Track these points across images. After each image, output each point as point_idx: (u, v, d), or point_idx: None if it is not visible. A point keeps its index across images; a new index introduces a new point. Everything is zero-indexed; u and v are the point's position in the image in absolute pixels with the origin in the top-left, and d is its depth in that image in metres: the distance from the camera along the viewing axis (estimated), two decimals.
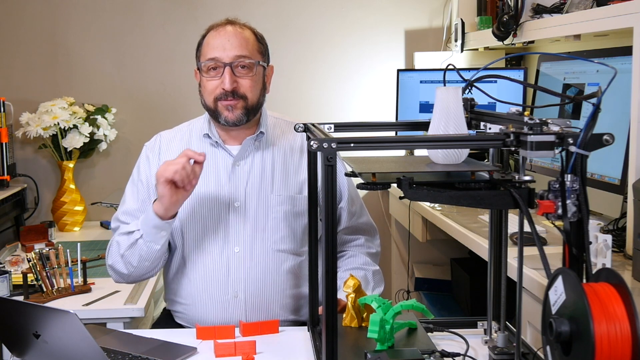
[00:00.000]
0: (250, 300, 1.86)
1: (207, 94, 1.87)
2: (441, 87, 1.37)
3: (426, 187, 1.23)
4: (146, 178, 1.94)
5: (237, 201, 1.88)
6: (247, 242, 1.87)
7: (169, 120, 2.10)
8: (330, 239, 1.23)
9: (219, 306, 1.87)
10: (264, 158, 1.91)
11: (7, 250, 2.91)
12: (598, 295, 1.01)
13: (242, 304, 1.86)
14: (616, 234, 1.94)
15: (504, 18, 2.56)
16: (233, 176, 1.89)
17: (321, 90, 3.46)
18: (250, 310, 1.86)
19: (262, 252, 1.87)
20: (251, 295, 1.86)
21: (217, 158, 1.92)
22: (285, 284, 1.89)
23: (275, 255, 1.88)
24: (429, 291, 3.22)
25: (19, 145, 3.34)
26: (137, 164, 1.99)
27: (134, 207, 1.93)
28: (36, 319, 1.38)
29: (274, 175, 1.91)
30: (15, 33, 3.36)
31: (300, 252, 1.91)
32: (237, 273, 1.86)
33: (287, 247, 1.89)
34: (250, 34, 1.89)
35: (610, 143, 1.13)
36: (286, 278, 1.88)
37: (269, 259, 1.87)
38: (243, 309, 1.86)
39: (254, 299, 1.86)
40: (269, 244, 1.88)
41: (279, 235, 1.88)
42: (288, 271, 1.89)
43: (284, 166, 1.92)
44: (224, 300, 1.86)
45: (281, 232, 1.89)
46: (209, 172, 1.90)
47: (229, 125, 1.87)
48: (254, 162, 1.91)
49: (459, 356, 1.48)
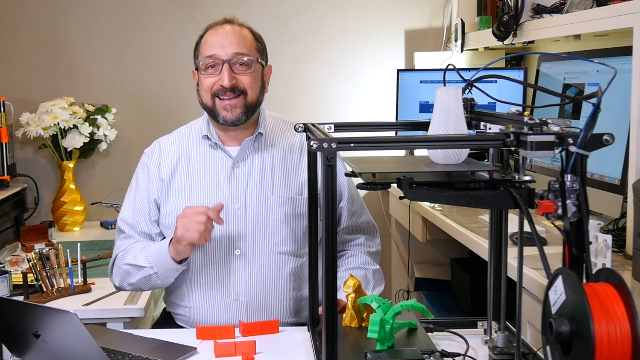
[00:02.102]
0: (251, 303, 1.86)
1: (204, 91, 1.86)
2: (441, 87, 1.37)
3: (426, 187, 1.23)
4: (145, 187, 1.94)
5: (237, 203, 1.87)
6: (247, 244, 1.86)
7: (168, 120, 2.11)
8: (330, 239, 1.23)
9: (220, 309, 1.86)
10: (263, 159, 1.91)
11: (7, 250, 2.91)
12: (598, 295, 1.01)
13: (243, 307, 1.86)
14: (616, 234, 1.94)
15: (504, 18, 2.56)
16: (233, 178, 1.89)
17: (321, 90, 3.46)
18: (251, 312, 1.86)
19: (263, 254, 1.87)
20: (252, 297, 1.86)
21: (217, 160, 1.91)
22: (287, 286, 1.88)
23: (276, 257, 1.87)
24: (429, 291, 3.22)
25: (19, 145, 3.34)
26: (136, 172, 1.99)
27: (129, 218, 1.95)
28: (36, 319, 1.38)
29: (274, 177, 1.90)
30: (15, 33, 3.36)
31: (301, 254, 1.90)
32: (238, 275, 1.86)
33: (287, 249, 1.88)
34: (248, 33, 1.89)
35: (610, 143, 1.13)
36: (287, 280, 1.88)
37: (269, 261, 1.87)
38: (244, 312, 1.86)
39: (256, 301, 1.86)
40: (270, 246, 1.87)
41: (279, 237, 1.88)
42: (289, 273, 1.88)
43: (283, 167, 1.92)
44: (226, 303, 1.86)
45: (282, 234, 1.88)
46: (209, 175, 1.90)
47: (228, 125, 1.86)
48: (253, 164, 1.90)
49: (459, 356, 1.48)
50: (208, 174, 1.90)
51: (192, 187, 1.90)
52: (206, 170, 1.89)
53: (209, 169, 1.90)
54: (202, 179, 1.88)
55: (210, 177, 1.90)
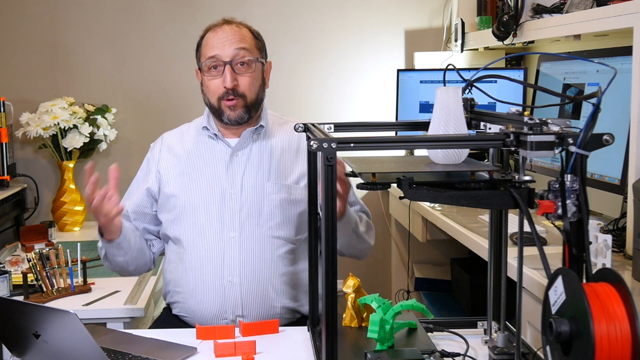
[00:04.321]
0: (245, 285, 1.88)
1: (211, 94, 1.93)
2: (441, 87, 1.37)
3: (426, 187, 1.23)
4: (143, 175, 2.05)
5: (233, 189, 1.92)
6: (243, 228, 1.89)
7: (169, 120, 2.12)
8: (331, 239, 1.23)
9: (215, 292, 1.88)
10: (261, 149, 1.96)
11: (7, 250, 2.91)
12: (598, 295, 1.01)
13: (237, 289, 1.87)
14: (616, 234, 1.94)
15: (504, 18, 2.56)
16: (231, 165, 1.94)
17: (321, 90, 3.46)
18: (245, 295, 1.88)
19: (257, 237, 1.90)
20: (246, 279, 1.88)
21: (215, 149, 1.97)
22: (280, 270, 1.90)
23: (270, 241, 1.90)
24: (429, 291, 3.22)
25: (19, 145, 3.35)
26: (141, 166, 2.09)
27: (127, 207, 2.01)
28: (36, 319, 1.38)
29: (271, 165, 1.95)
30: (16, 33, 3.36)
31: (295, 240, 1.94)
32: (232, 258, 1.88)
33: (282, 234, 1.92)
34: (247, 32, 1.95)
35: (610, 143, 1.13)
36: (281, 264, 1.91)
37: (264, 244, 1.90)
38: (239, 294, 1.87)
39: (249, 283, 1.88)
40: (264, 230, 1.90)
41: (274, 221, 1.91)
42: (282, 257, 1.91)
43: (281, 157, 1.96)
44: (220, 285, 1.88)
45: (276, 219, 1.91)
46: (207, 163, 1.96)
47: (232, 124, 1.93)
48: (251, 152, 1.95)
49: (459, 356, 1.48)
50: (207, 161, 1.96)
51: (192, 173, 1.96)
52: (205, 158, 1.96)
53: (208, 157, 1.96)
54: (202, 166, 1.95)
55: (209, 164, 1.96)
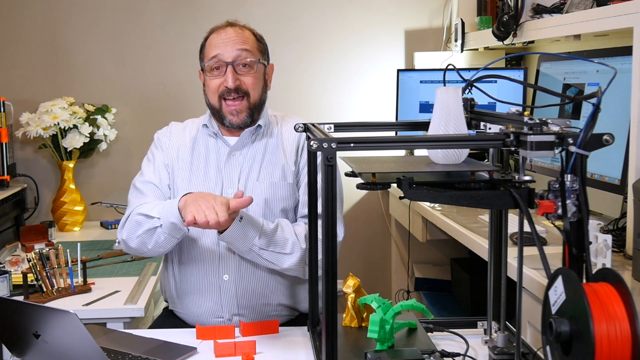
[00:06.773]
0: (240, 283, 1.89)
1: (211, 93, 1.94)
2: (441, 87, 1.37)
3: (426, 187, 1.23)
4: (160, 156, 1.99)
5: (230, 188, 1.92)
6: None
7: (169, 120, 2.11)
8: (331, 239, 1.23)
9: (210, 290, 1.90)
10: (257, 149, 1.97)
11: (7, 250, 2.91)
12: (598, 295, 1.01)
13: (232, 287, 1.89)
14: (616, 234, 1.94)
15: (504, 18, 2.56)
16: (227, 166, 1.95)
17: (321, 90, 3.46)
18: (241, 294, 1.89)
19: None
20: (240, 277, 1.89)
21: (214, 148, 1.98)
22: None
23: None
24: (429, 291, 3.22)
25: (19, 145, 3.34)
26: (150, 149, 2.04)
27: (153, 179, 1.96)
28: (36, 319, 1.38)
29: (262, 165, 1.95)
30: (16, 33, 3.36)
31: None
32: (226, 256, 1.90)
33: None
34: (250, 34, 1.97)
35: (610, 143, 1.13)
36: None
37: None
38: (234, 292, 1.89)
39: (243, 281, 1.89)
40: None
41: None
42: None
43: (273, 156, 1.97)
44: (215, 283, 1.90)
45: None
46: (205, 162, 1.97)
47: (234, 129, 1.95)
48: (248, 153, 1.96)
49: (459, 356, 1.48)
50: (204, 160, 1.97)
51: (190, 170, 1.96)
52: (206, 156, 1.97)
53: (205, 156, 1.97)
54: (202, 163, 1.96)
55: (206, 164, 1.96)
